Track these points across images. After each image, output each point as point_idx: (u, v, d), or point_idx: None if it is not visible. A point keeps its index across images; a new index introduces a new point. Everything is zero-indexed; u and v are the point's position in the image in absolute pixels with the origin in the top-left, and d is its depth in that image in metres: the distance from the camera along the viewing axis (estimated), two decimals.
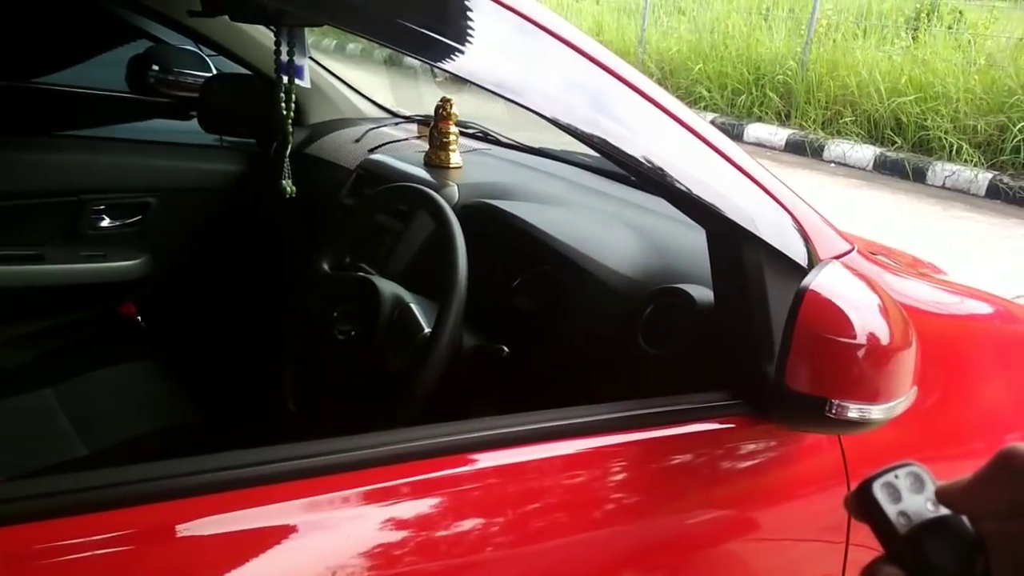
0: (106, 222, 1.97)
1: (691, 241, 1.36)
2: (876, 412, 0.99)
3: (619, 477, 0.98)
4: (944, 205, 6.27)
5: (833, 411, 0.97)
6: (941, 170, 6.78)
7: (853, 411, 0.97)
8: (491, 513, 0.86)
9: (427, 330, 1.23)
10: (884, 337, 1.00)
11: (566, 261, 1.34)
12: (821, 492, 1.15)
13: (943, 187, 6.71)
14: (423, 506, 0.83)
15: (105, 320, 2.04)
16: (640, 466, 0.99)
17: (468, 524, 0.84)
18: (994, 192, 6.48)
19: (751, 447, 1.10)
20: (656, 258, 1.34)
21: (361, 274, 1.36)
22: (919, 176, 6.84)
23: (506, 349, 1.24)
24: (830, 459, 1.16)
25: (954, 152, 6.81)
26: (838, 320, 0.98)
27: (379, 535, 0.79)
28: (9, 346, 1.92)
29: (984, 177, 6.56)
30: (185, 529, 0.70)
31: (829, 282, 1.01)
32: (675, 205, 1.08)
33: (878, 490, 0.43)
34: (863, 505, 0.44)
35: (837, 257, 1.15)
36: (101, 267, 1.97)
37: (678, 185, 1.02)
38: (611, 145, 0.96)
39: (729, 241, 1.08)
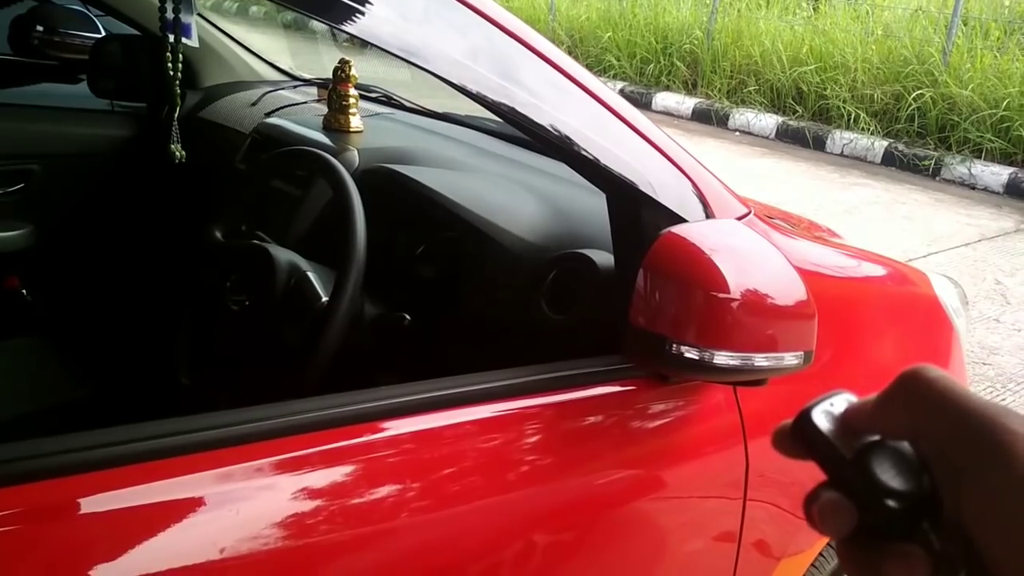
0: None
1: (593, 206, 1.36)
2: (723, 358, 0.99)
3: (522, 441, 0.98)
4: (842, 172, 6.48)
5: (673, 349, 0.97)
6: (840, 138, 6.99)
7: (692, 352, 0.97)
8: (395, 480, 0.84)
9: (324, 299, 1.20)
10: (759, 290, 1.01)
11: (469, 227, 1.33)
12: (721, 450, 1.17)
13: (842, 155, 6.93)
14: (321, 477, 0.80)
15: None
16: (542, 430, 0.99)
17: (376, 493, 0.83)
18: (889, 159, 6.73)
19: (652, 408, 1.11)
20: (559, 223, 1.34)
21: (255, 242, 1.32)
22: (819, 144, 7.05)
23: (408, 317, 1.22)
24: (728, 419, 1.18)
25: (852, 121, 7.04)
26: (692, 264, 0.98)
27: (275, 508, 0.76)
28: None
29: (880, 145, 6.80)
30: (79, 506, 0.66)
31: (697, 231, 1.02)
32: (577, 170, 1.08)
33: (817, 416, 0.42)
34: (802, 431, 0.43)
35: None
36: None
37: (581, 151, 1.02)
38: (515, 111, 0.95)
39: (628, 205, 1.08)
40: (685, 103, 7.83)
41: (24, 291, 1.91)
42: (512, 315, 1.26)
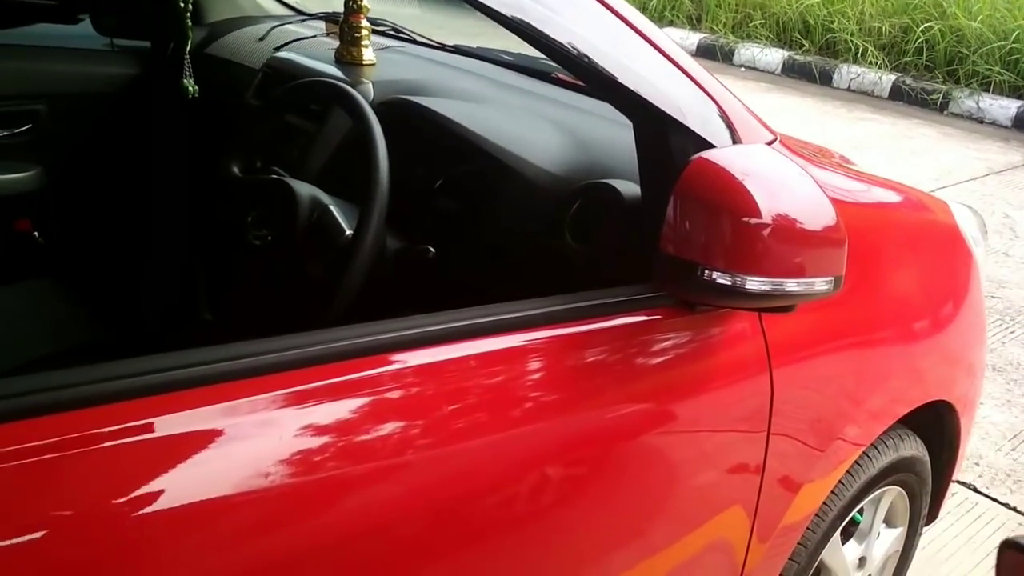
0: None
1: (616, 137, 1.34)
2: (754, 284, 0.97)
3: (547, 372, 0.98)
4: (849, 107, 6.40)
5: (704, 275, 0.96)
6: (847, 72, 6.90)
7: (724, 278, 0.96)
8: (418, 414, 0.84)
9: (348, 232, 1.19)
10: (790, 215, 1.00)
11: (490, 158, 1.31)
12: (746, 379, 1.17)
13: (848, 89, 6.84)
14: (344, 408, 0.80)
15: None
16: (568, 360, 0.98)
17: (393, 426, 0.83)
18: (897, 93, 6.64)
19: (678, 337, 1.10)
20: (581, 154, 1.32)
21: (275, 176, 1.30)
22: (826, 79, 6.95)
23: (432, 250, 1.21)
24: (754, 347, 1.18)
25: (859, 54, 6.93)
26: (724, 188, 0.97)
27: (302, 439, 0.76)
28: None
29: (888, 79, 6.71)
30: (102, 437, 0.66)
31: (728, 156, 1.01)
32: (603, 96, 1.06)
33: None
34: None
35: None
36: None
37: (607, 75, 1.00)
38: (537, 31, 0.93)
39: (656, 131, 1.06)
40: (689, 38, 7.70)
41: (36, 233, 1.90)
42: (535, 247, 1.25)
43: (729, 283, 0.96)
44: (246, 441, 0.73)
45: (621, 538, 1.07)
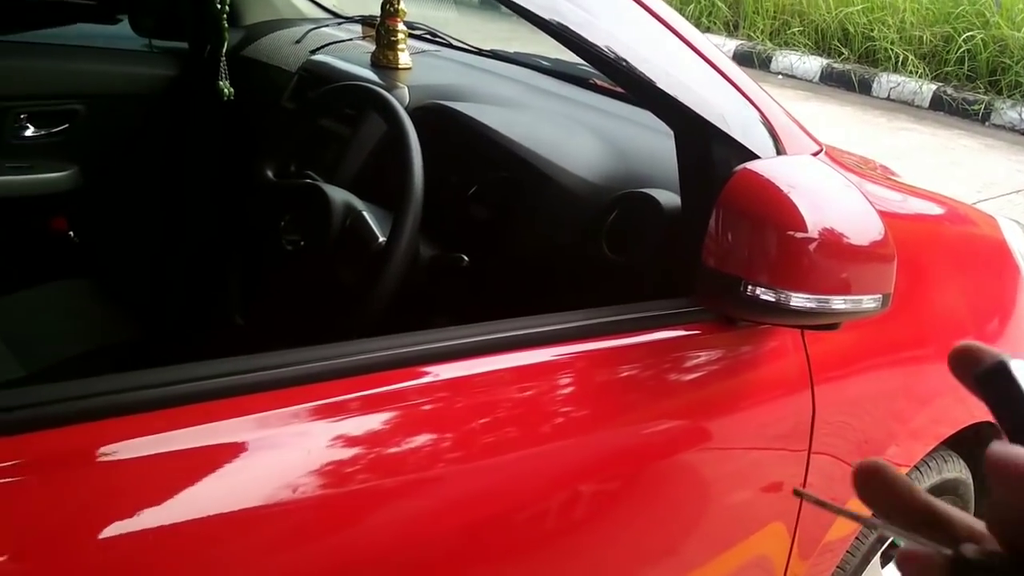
0: (30, 131, 1.84)
1: (654, 146, 1.31)
2: (800, 301, 0.95)
3: (582, 386, 0.95)
4: (889, 116, 6.30)
5: (747, 291, 0.94)
6: (887, 81, 6.80)
7: (768, 294, 0.94)
8: (449, 427, 0.82)
9: (381, 239, 1.17)
10: (837, 229, 0.97)
11: (526, 165, 1.29)
12: (787, 396, 1.13)
13: (888, 98, 6.74)
14: (375, 421, 0.78)
15: (34, 236, 1.92)
16: (603, 375, 0.96)
17: (424, 439, 0.80)
18: (937, 103, 6.53)
19: (718, 353, 1.07)
20: (619, 163, 1.29)
21: (309, 181, 1.29)
22: (865, 88, 6.86)
23: (466, 259, 1.19)
24: (795, 364, 1.15)
25: (900, 63, 6.82)
26: (769, 202, 0.94)
27: (331, 451, 0.74)
28: None
29: (928, 88, 6.60)
30: (129, 448, 0.65)
31: (774, 167, 0.98)
32: (642, 101, 1.03)
33: (1016, 367, 0.37)
34: (995, 378, 0.37)
35: None
36: (27, 179, 1.84)
37: (646, 79, 0.97)
38: (575, 34, 0.90)
39: (697, 139, 1.03)
40: (726, 45, 7.63)
41: (71, 232, 1.91)
42: (571, 256, 1.22)
43: (773, 299, 0.94)
44: (274, 452, 0.72)
45: (656, 555, 1.05)
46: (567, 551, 0.92)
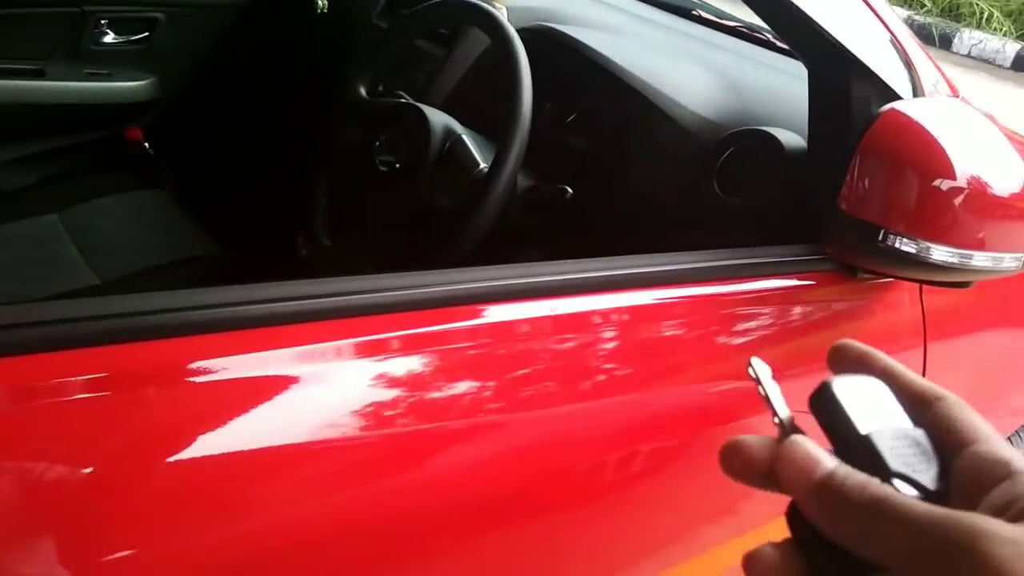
0: (110, 37, 1.79)
1: (772, 83, 1.24)
2: (941, 254, 0.89)
3: (684, 332, 0.90)
4: (969, 75, 6.05)
5: (886, 241, 0.88)
6: (968, 38, 6.51)
7: (909, 245, 0.88)
8: (545, 363, 0.77)
9: (482, 165, 1.12)
10: (985, 179, 0.90)
11: (633, 94, 1.22)
12: (899, 352, 1.08)
13: (968, 55, 6.46)
14: (486, 347, 0.73)
15: (110, 144, 1.90)
16: (708, 321, 0.90)
17: (525, 372, 0.76)
18: (1020, 64, 6.25)
19: (835, 305, 1.02)
20: (733, 99, 1.22)
21: (408, 101, 1.24)
22: (945, 43, 6.57)
23: (569, 191, 1.13)
24: (911, 319, 1.09)
25: (984, 19, 6.52)
26: (917, 145, 0.87)
27: (424, 377, 0.69)
28: (9, 167, 1.79)
29: (1012, 48, 6.31)
30: (197, 369, 0.59)
31: (923, 110, 0.90)
32: (779, 31, 0.96)
33: (839, 387, 0.39)
34: (821, 400, 0.39)
35: None
36: (105, 87, 1.81)
37: (789, 6, 0.90)
38: None
39: (837, 76, 0.96)
40: None
41: (147, 144, 1.88)
42: (677, 195, 1.16)
43: (913, 251, 0.87)
44: (329, 386, 0.65)
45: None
46: (662, 492, 0.88)
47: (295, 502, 0.60)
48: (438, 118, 1.17)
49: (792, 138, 1.08)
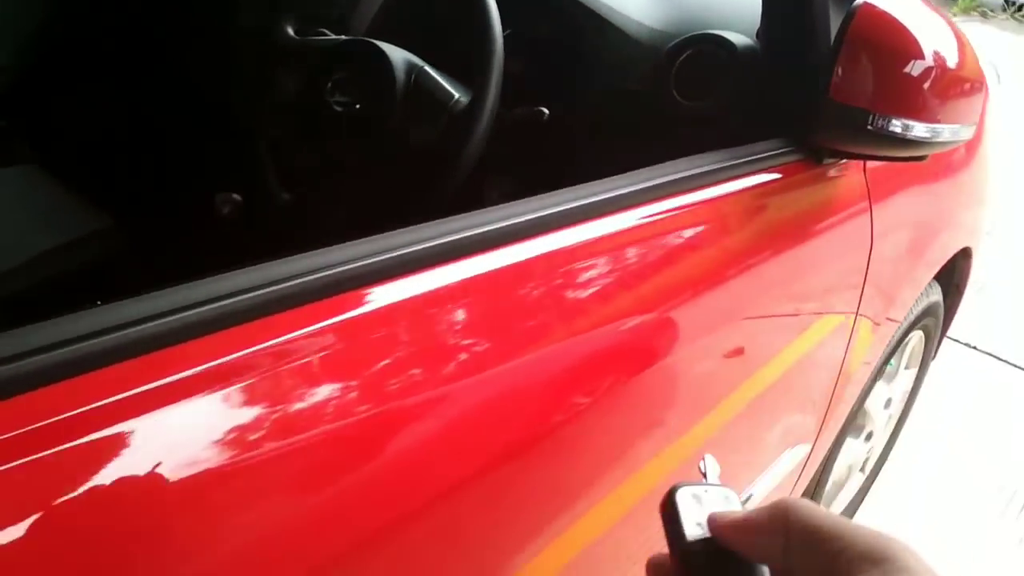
0: None
1: None
2: (919, 130, 0.98)
3: (673, 242, 0.92)
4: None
5: (874, 124, 0.96)
6: None
7: (896, 125, 0.97)
8: (550, 299, 0.75)
9: (457, 96, 1.09)
10: (950, 60, 1.00)
11: (581, 8, 1.22)
12: (853, 232, 1.18)
13: None
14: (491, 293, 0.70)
15: None
16: (698, 225, 0.93)
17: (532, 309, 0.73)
18: None
19: (807, 192, 1.10)
20: (673, 8, 1.26)
21: (354, 37, 1.18)
22: None
23: (546, 111, 1.13)
24: (861, 200, 1.19)
25: None
26: (893, 34, 0.96)
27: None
28: None
29: None
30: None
31: (889, 3, 0.99)
32: None
33: (682, 496, 0.43)
34: (665, 506, 0.44)
35: None
36: None
37: None
38: None
39: None
40: None
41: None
42: (640, 106, 1.19)
43: (899, 130, 0.96)
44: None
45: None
46: (686, 387, 0.93)
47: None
48: (396, 53, 1.12)
49: (741, 39, 1.14)
